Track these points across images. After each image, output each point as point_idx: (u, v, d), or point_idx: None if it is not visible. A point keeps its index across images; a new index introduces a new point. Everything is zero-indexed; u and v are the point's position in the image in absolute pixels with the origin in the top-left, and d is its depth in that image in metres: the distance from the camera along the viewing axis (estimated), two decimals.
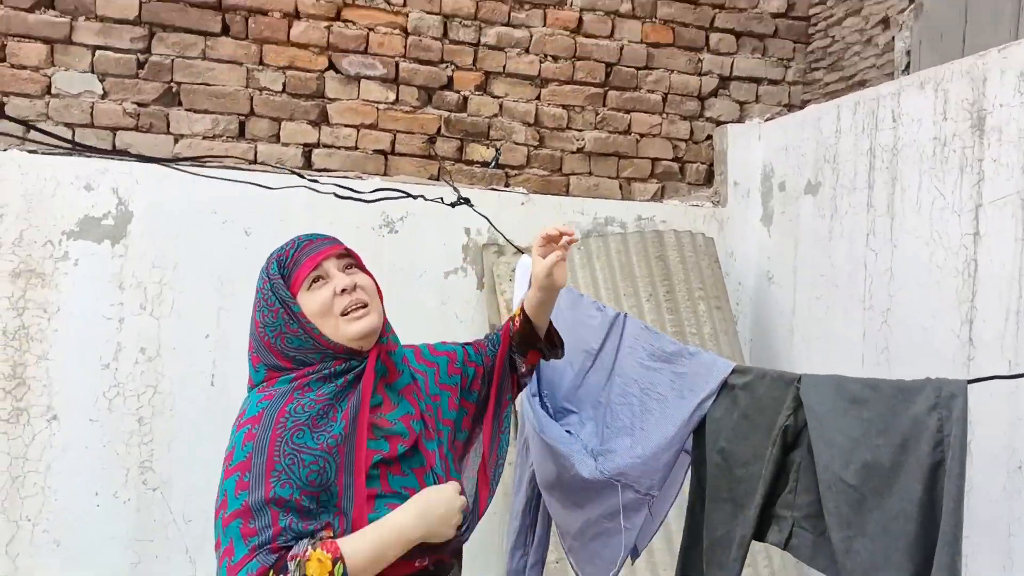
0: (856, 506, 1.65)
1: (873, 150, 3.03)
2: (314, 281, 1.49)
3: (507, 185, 3.78)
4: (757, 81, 4.06)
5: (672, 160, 3.98)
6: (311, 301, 1.47)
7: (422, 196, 3.03)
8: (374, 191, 2.71)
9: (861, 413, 1.68)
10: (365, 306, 1.49)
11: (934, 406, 1.56)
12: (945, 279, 2.71)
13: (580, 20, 3.83)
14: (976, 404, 1.79)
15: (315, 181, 2.53)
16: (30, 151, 3.09)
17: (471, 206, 2.99)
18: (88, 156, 2.99)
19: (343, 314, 1.47)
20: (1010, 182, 2.48)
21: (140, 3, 3.34)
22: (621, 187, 3.92)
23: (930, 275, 2.77)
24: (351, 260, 1.55)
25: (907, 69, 3.34)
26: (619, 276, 3.31)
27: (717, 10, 3.98)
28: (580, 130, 3.86)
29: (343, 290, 1.48)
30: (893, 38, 3.43)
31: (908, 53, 3.36)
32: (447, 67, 3.69)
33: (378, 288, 1.57)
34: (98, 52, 3.32)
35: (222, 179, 2.17)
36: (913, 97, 2.85)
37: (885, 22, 3.51)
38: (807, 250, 3.38)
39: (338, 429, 1.42)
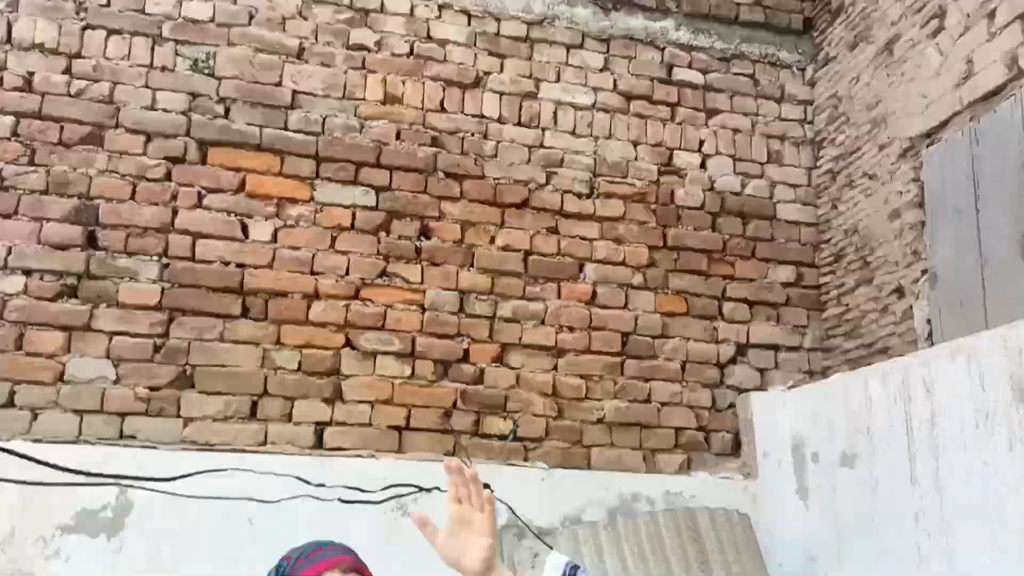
0: None
1: (909, 421, 2.91)
2: None
3: (526, 459, 3.62)
4: (775, 348, 4.02)
5: (696, 429, 3.84)
6: None
7: (436, 487, 2.87)
8: (384, 488, 2.57)
9: None
10: None
11: None
12: (1012, 563, 2.47)
13: (594, 292, 3.87)
14: None
15: (321, 485, 2.40)
16: (34, 440, 2.99)
17: (491, 491, 2.82)
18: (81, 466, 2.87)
19: None
20: None
21: (162, 290, 3.39)
22: (645, 458, 3.75)
23: (993, 559, 2.54)
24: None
25: (930, 337, 3.30)
26: (652, 562, 3.06)
27: (728, 280, 4.04)
28: (599, 399, 3.77)
29: None
30: (911, 306, 3.43)
31: (928, 321, 3.34)
32: (463, 340, 3.68)
33: None
34: (115, 338, 3.31)
35: (220, 499, 2.08)
36: (945, 367, 2.78)
37: (899, 291, 3.53)
38: (850, 528, 3.15)
39: None
